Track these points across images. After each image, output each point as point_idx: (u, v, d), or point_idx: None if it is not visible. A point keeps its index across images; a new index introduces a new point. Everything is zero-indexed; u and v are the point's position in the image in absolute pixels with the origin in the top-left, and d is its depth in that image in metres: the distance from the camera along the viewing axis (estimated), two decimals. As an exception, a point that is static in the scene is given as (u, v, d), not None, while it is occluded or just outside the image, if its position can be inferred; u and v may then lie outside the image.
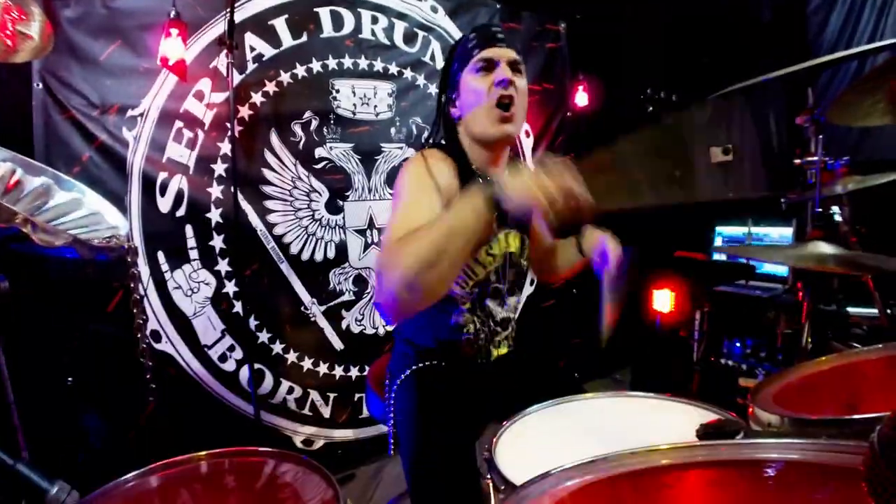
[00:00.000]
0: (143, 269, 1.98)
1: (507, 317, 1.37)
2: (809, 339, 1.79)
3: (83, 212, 1.45)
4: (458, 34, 2.67)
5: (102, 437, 1.82)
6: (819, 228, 1.67)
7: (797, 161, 1.89)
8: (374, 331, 2.47)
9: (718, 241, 3.01)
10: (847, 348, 1.82)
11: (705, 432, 0.87)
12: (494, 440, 0.98)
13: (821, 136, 1.75)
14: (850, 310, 2.08)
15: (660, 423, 1.03)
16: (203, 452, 0.98)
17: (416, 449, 1.25)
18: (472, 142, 1.28)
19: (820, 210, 1.70)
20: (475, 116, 1.24)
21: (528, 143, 2.98)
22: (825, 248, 1.14)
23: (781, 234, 2.74)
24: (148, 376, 1.72)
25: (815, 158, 1.76)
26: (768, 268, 2.75)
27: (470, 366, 1.33)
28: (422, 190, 1.12)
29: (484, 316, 1.32)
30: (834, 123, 1.38)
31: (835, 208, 1.81)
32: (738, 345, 2.53)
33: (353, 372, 2.41)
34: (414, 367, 1.31)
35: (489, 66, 1.22)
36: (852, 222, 1.84)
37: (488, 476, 0.91)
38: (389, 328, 2.49)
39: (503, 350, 1.38)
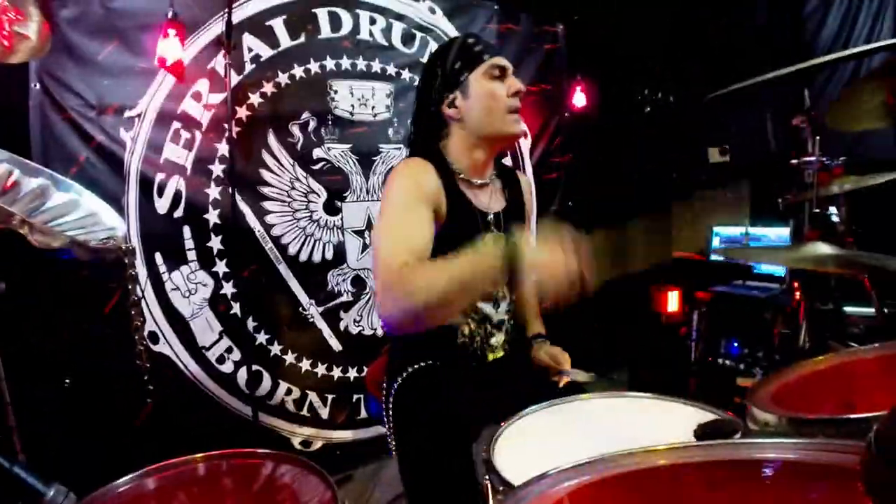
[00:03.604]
0: (141, 270, 1.98)
1: (503, 319, 1.37)
2: (807, 339, 1.80)
3: (80, 213, 1.45)
4: (455, 35, 2.67)
5: (99, 439, 1.81)
6: (816, 229, 1.68)
7: (794, 161, 1.90)
8: (372, 331, 2.47)
9: (716, 242, 3.02)
10: (844, 348, 1.83)
11: (703, 432, 0.87)
12: (493, 441, 0.98)
13: (817, 137, 1.76)
14: (847, 309, 2.08)
15: (657, 423, 1.03)
16: (200, 454, 0.97)
17: (412, 451, 1.25)
18: (467, 144, 1.29)
19: (817, 210, 1.71)
20: (489, 119, 1.27)
21: (525, 144, 2.98)
22: (823, 248, 1.14)
23: (779, 234, 2.75)
24: (145, 378, 1.72)
25: (812, 159, 1.76)
26: (766, 268, 2.76)
27: (465, 368, 1.33)
28: (414, 205, 1.17)
29: (478, 318, 1.32)
30: (832, 129, 1.39)
31: (832, 208, 1.82)
32: (735, 345, 2.54)
33: (352, 373, 2.41)
34: (410, 369, 1.31)
35: (502, 73, 1.28)
36: (849, 222, 1.84)
37: (486, 477, 0.91)
38: (387, 329, 2.49)
39: (499, 353, 1.37)
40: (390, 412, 1.32)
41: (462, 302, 1.03)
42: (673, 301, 2.94)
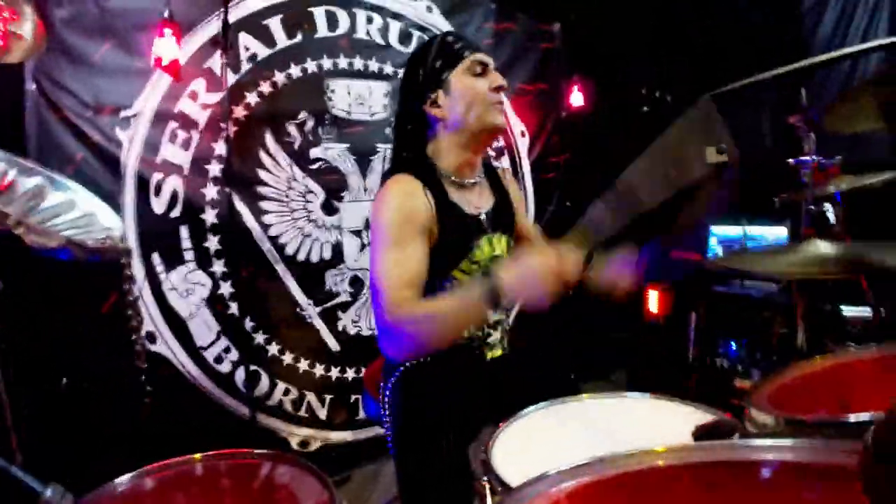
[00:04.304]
0: (138, 270, 1.97)
1: (499, 318, 1.37)
2: (804, 340, 1.80)
3: (77, 213, 1.44)
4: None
5: (96, 439, 1.81)
6: (812, 228, 1.69)
7: (790, 160, 1.90)
8: (370, 332, 2.47)
9: (713, 242, 3.02)
10: (842, 348, 1.83)
11: (701, 433, 0.87)
12: (491, 442, 0.98)
13: (814, 136, 1.76)
14: (845, 309, 2.09)
15: (655, 424, 1.04)
16: (198, 454, 0.97)
17: (408, 450, 1.25)
18: (454, 143, 1.29)
19: (813, 209, 1.72)
20: (472, 114, 1.26)
21: (523, 144, 2.98)
22: (821, 248, 1.14)
23: (776, 234, 2.75)
24: (143, 378, 1.71)
25: (809, 158, 1.77)
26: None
27: (462, 367, 1.33)
28: (408, 239, 1.17)
29: None
30: (829, 131, 1.39)
31: (827, 206, 1.82)
32: (733, 345, 2.54)
33: (350, 373, 2.41)
34: (405, 368, 1.31)
35: (484, 70, 1.28)
36: (845, 221, 1.84)
37: (485, 478, 0.91)
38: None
39: (497, 353, 1.37)
40: (386, 410, 1.32)
41: (457, 332, 1.16)
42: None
